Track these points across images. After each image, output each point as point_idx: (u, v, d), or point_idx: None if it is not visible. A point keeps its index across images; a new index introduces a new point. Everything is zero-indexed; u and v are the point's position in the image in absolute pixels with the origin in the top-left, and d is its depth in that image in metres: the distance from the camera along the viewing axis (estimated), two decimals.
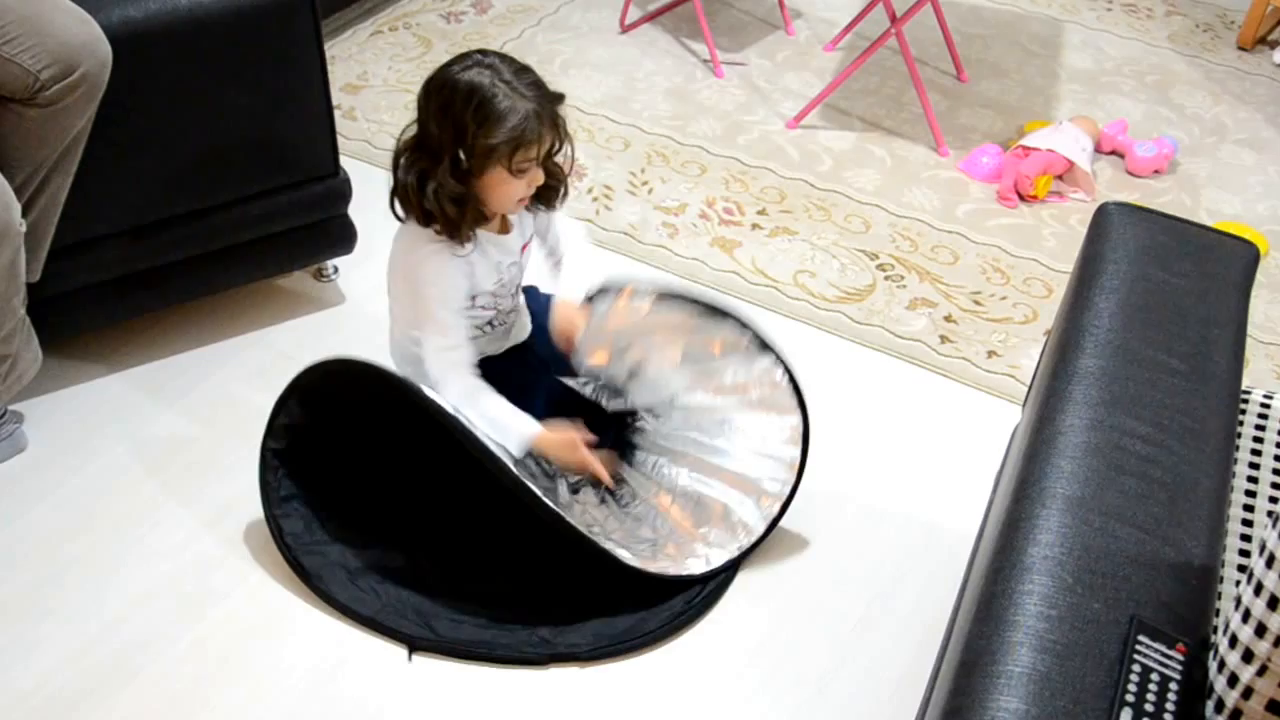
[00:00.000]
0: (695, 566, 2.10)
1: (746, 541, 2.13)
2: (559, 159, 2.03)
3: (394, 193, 2.00)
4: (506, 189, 1.95)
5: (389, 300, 2.17)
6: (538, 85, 1.92)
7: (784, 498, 2.14)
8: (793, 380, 2.11)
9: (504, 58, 1.92)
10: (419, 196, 1.93)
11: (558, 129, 1.95)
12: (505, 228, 2.08)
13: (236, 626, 2.04)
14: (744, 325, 2.12)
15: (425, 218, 1.96)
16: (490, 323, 2.14)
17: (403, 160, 1.97)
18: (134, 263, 2.36)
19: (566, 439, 2.09)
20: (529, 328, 2.27)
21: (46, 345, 2.25)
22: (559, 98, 1.95)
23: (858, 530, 2.26)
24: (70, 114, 2.04)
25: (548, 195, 2.08)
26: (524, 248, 2.15)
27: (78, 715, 1.90)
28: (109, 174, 2.22)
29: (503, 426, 2.05)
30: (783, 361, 2.11)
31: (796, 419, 2.11)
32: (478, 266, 2.04)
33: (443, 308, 2.02)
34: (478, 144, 1.87)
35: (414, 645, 2.02)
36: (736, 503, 2.15)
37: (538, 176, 1.98)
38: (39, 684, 1.93)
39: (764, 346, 2.11)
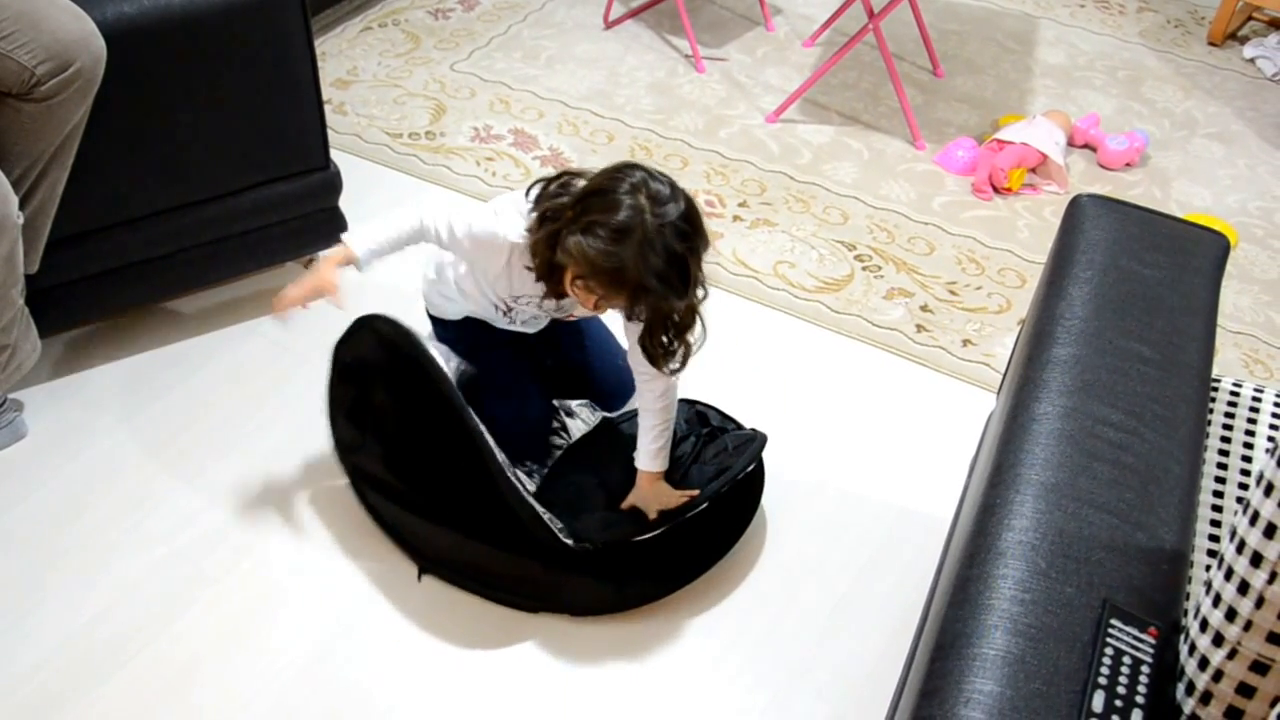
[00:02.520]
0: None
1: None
2: (683, 332, 1.95)
3: (543, 188, 1.93)
4: (568, 286, 1.91)
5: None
6: (662, 271, 1.79)
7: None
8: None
9: (685, 228, 1.80)
10: (540, 221, 1.89)
11: (636, 301, 1.86)
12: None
13: (231, 609, 2.06)
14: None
15: (534, 231, 1.91)
16: (499, 309, 2.13)
17: (563, 180, 1.92)
18: (130, 254, 2.38)
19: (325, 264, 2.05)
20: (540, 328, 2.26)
21: (45, 335, 2.28)
22: (677, 296, 1.85)
23: (835, 516, 2.30)
24: (66, 108, 2.05)
25: (651, 350, 1.98)
26: (571, 317, 2.16)
27: (76, 695, 1.92)
28: (105, 167, 2.24)
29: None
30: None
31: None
32: (501, 282, 2.04)
33: (464, 234, 1.98)
34: (570, 238, 1.81)
35: (423, 568, 2.12)
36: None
37: (592, 305, 1.92)
38: (37, 666, 1.96)
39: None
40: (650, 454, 2.11)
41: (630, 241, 1.77)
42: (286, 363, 2.53)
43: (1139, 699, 1.19)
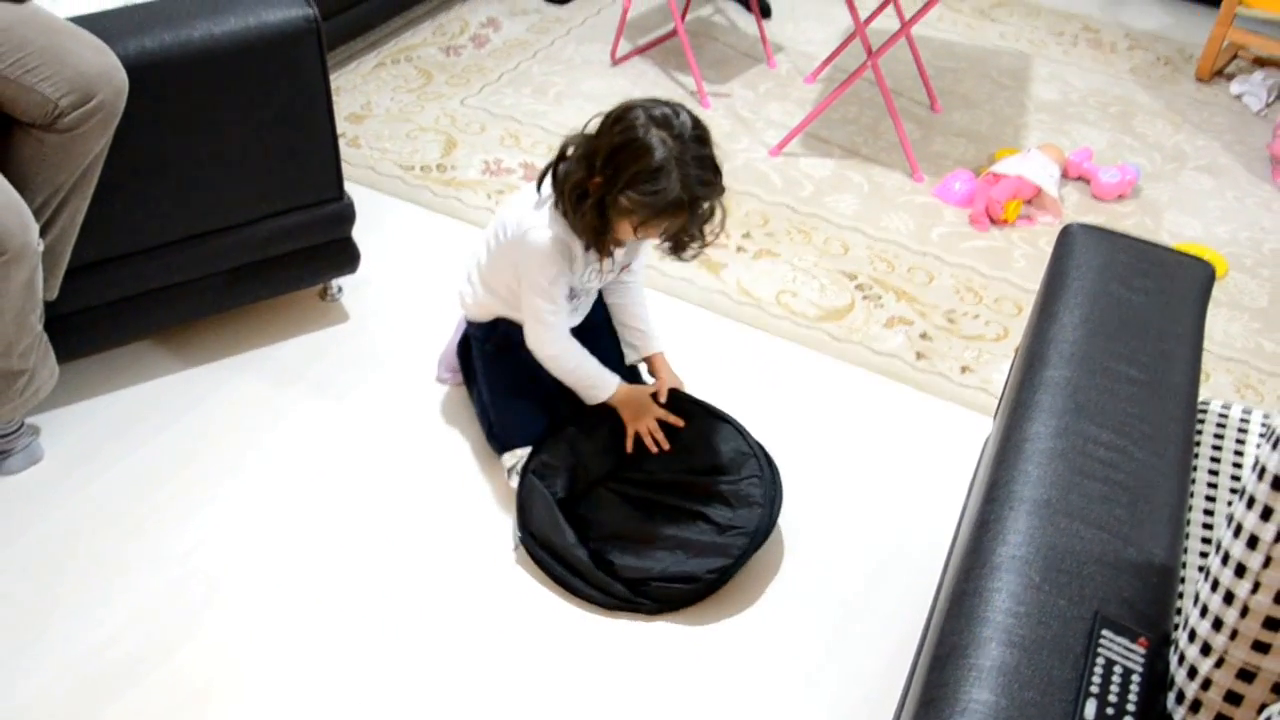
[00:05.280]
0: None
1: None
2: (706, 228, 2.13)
3: (551, 174, 2.12)
4: (627, 236, 2.10)
5: (491, 244, 2.30)
6: (703, 177, 2.00)
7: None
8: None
9: (699, 134, 2.00)
10: (574, 204, 2.05)
11: (698, 215, 2.05)
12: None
13: (243, 633, 2.08)
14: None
15: (572, 216, 2.08)
16: (569, 297, 2.27)
17: (571, 152, 2.08)
18: (147, 281, 2.41)
19: (640, 395, 2.31)
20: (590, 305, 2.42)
21: (63, 360, 2.31)
22: (720, 190, 2.04)
23: (841, 534, 2.33)
24: (88, 139, 2.08)
25: (679, 246, 2.17)
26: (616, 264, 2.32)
27: (87, 715, 1.95)
28: (124, 197, 2.27)
29: (592, 378, 2.28)
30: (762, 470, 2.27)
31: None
32: (576, 267, 2.19)
33: (551, 284, 2.16)
34: (620, 197, 1.99)
35: (519, 541, 2.26)
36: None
37: (654, 235, 2.11)
38: (52, 684, 1.98)
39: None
40: (656, 333, 2.44)
41: (672, 172, 1.96)
42: (300, 389, 2.56)
43: (1130, 707, 1.21)
